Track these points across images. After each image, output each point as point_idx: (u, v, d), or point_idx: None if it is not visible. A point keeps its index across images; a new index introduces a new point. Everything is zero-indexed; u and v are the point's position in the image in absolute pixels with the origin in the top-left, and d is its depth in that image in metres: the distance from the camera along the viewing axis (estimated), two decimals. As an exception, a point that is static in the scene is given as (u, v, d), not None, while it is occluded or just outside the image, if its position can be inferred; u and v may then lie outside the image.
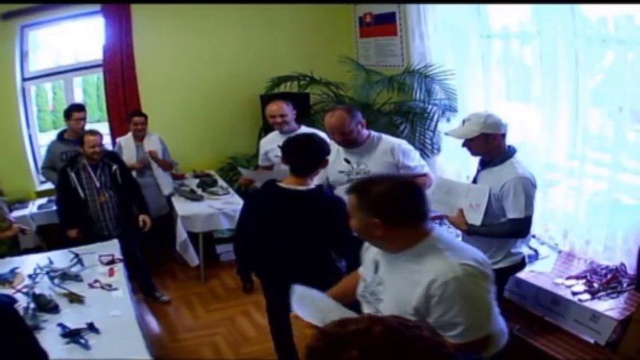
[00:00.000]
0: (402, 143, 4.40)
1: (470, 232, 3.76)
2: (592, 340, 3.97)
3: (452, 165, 6.00)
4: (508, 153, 3.67)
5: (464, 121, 3.74)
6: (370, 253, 2.62)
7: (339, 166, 4.39)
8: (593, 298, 4.04)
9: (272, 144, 5.39)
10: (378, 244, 2.47)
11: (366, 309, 2.55)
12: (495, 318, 2.45)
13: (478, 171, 3.85)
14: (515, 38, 5.32)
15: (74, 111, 6.26)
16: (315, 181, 3.80)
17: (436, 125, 5.93)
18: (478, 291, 2.31)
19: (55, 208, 6.08)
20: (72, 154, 5.77)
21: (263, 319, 5.35)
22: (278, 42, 7.63)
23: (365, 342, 1.28)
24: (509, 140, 3.74)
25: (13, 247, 5.42)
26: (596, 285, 4.17)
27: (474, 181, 3.88)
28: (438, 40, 5.99)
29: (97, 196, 5.42)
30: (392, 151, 4.29)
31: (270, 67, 7.30)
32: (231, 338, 5.23)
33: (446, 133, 4.08)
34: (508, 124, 3.68)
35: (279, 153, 4.76)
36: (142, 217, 5.71)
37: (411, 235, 2.35)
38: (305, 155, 3.67)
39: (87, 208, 5.42)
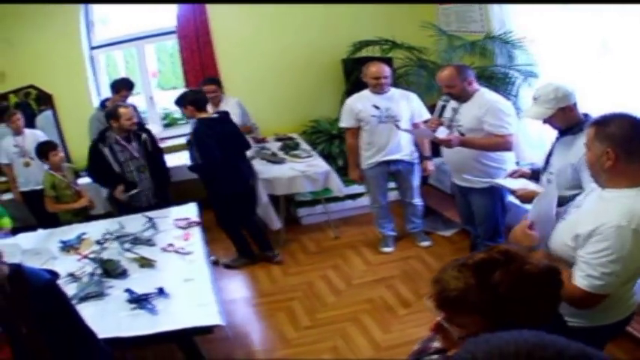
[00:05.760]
0: (497, 102, 4.51)
1: None
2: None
3: (535, 126, 5.73)
4: (584, 121, 3.42)
5: (534, 99, 3.54)
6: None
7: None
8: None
9: (364, 103, 5.49)
10: (601, 179, 2.53)
11: None
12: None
13: (557, 139, 3.61)
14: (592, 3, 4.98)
15: (125, 89, 6.40)
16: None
17: (518, 90, 5.75)
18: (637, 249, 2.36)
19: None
20: None
21: (342, 284, 5.42)
22: (357, 6, 7.39)
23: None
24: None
25: (79, 214, 5.51)
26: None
27: (551, 151, 3.64)
28: (517, 6, 5.76)
29: (136, 166, 5.44)
30: (480, 106, 4.49)
31: (350, 31, 7.15)
32: (308, 303, 5.17)
33: (522, 117, 3.98)
34: (575, 91, 3.48)
35: (374, 112, 5.43)
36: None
37: (633, 177, 2.43)
38: (199, 96, 5.63)
39: (124, 180, 5.43)
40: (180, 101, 5.56)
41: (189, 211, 5.13)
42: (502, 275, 1.50)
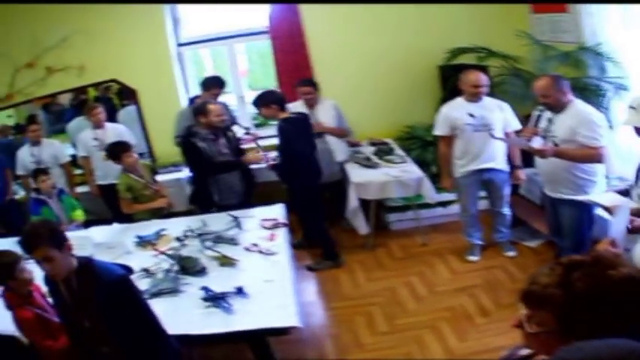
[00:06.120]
0: (590, 114, 4.49)
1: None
2: None
3: (625, 140, 5.58)
4: None
5: (633, 108, 3.51)
6: None
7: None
8: None
9: (459, 111, 5.50)
10: None
11: None
12: None
13: None
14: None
15: (216, 87, 6.44)
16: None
17: (609, 103, 5.65)
18: None
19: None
20: None
21: (425, 291, 5.40)
22: (452, 13, 7.32)
23: None
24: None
25: (156, 213, 5.51)
26: None
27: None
28: (609, 17, 5.65)
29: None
30: (574, 117, 4.47)
31: (444, 37, 7.10)
32: (389, 309, 5.17)
33: (623, 124, 3.92)
34: None
35: (469, 120, 5.44)
36: None
37: None
38: (281, 95, 5.86)
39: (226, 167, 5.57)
40: (262, 101, 5.68)
41: (276, 212, 5.18)
42: (582, 275, 1.48)
